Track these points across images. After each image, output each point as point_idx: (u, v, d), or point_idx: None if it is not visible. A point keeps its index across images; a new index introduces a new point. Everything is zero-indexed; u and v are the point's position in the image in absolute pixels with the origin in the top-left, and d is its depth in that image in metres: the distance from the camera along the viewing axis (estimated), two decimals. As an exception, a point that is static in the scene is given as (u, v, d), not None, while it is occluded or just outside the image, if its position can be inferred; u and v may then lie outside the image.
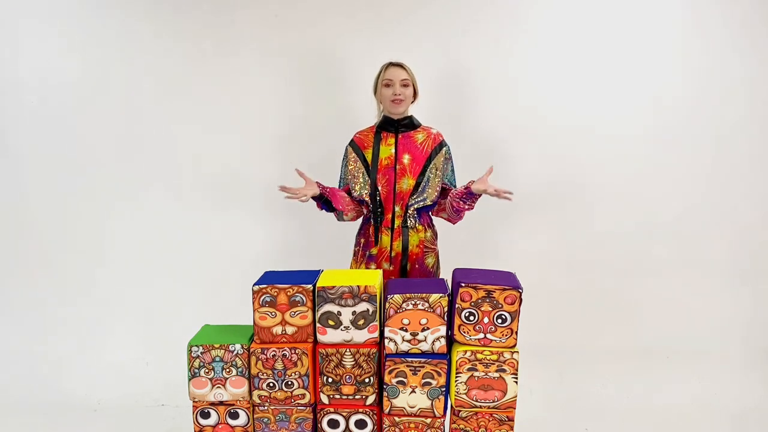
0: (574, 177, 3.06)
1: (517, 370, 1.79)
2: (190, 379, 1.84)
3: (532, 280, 2.24)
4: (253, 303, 1.80)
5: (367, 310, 1.79)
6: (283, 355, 1.81)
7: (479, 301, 1.78)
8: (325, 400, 1.84)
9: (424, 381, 1.80)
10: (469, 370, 1.79)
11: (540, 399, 2.84)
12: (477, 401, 1.81)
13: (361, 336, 1.81)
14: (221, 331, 1.93)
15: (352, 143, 2.43)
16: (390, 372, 1.81)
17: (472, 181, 2.26)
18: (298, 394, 1.83)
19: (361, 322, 1.80)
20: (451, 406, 1.84)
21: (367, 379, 1.82)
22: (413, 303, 1.77)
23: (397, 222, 2.37)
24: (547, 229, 3.12)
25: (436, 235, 2.47)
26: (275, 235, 3.17)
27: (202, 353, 1.82)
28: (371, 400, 1.84)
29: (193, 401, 1.86)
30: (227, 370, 1.83)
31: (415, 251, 2.38)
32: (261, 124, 3.07)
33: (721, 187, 3.07)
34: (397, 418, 1.84)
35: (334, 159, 2.52)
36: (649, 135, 3.03)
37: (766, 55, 2.95)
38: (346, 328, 1.80)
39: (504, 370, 1.79)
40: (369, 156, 2.38)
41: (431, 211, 2.47)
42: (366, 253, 2.41)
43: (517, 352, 1.79)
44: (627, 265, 3.12)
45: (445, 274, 2.39)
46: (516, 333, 1.79)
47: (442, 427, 1.85)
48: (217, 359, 1.82)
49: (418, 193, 2.35)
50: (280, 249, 3.16)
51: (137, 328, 3.16)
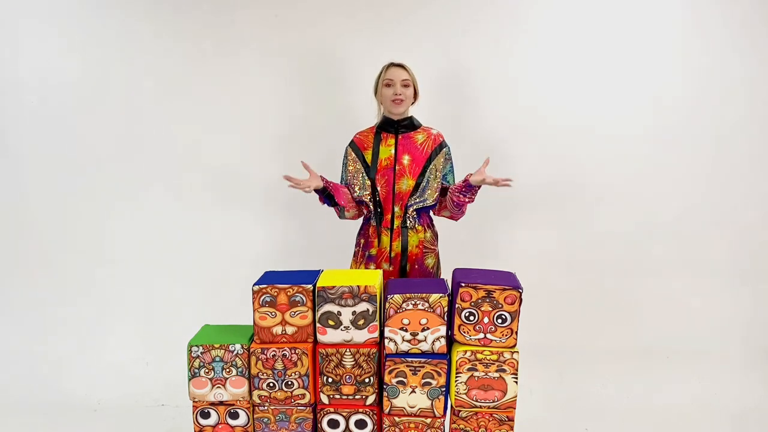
0: (574, 177, 3.06)
1: (517, 370, 1.79)
2: (190, 379, 1.84)
3: (532, 280, 2.24)
4: (253, 303, 1.80)
5: (367, 310, 1.79)
6: (283, 355, 1.81)
7: (479, 301, 1.78)
8: (325, 400, 1.84)
9: (424, 381, 1.80)
10: (469, 370, 1.79)
11: (540, 399, 2.84)
12: (477, 401, 1.81)
13: (361, 336, 1.81)
14: (221, 331, 1.93)
15: (352, 144, 2.43)
16: (390, 372, 1.81)
17: (470, 174, 2.27)
18: (298, 394, 1.83)
19: (361, 322, 1.80)
20: (451, 406, 1.84)
21: (367, 379, 1.82)
22: (413, 303, 1.77)
23: (396, 222, 2.37)
24: (547, 229, 3.12)
25: (436, 236, 2.47)
26: (275, 235, 3.17)
27: (202, 353, 1.82)
28: (371, 400, 1.84)
29: (193, 401, 1.86)
30: (227, 370, 1.83)
31: (415, 252, 2.38)
32: (261, 124, 3.07)
33: (721, 187, 3.07)
34: (397, 418, 1.84)
35: (334, 159, 2.52)
36: (649, 135, 3.03)
37: (766, 55, 2.95)
38: (346, 328, 1.80)
39: (504, 370, 1.79)
40: (369, 157, 2.38)
41: (433, 211, 2.47)
42: (366, 253, 2.41)
43: (517, 352, 1.80)
44: (627, 265, 3.12)
45: (446, 274, 2.39)
46: (516, 333, 1.80)
47: (442, 427, 1.85)
48: (217, 359, 1.82)
49: (417, 194, 2.35)
50: (280, 249, 3.16)
51: (137, 328, 3.16)
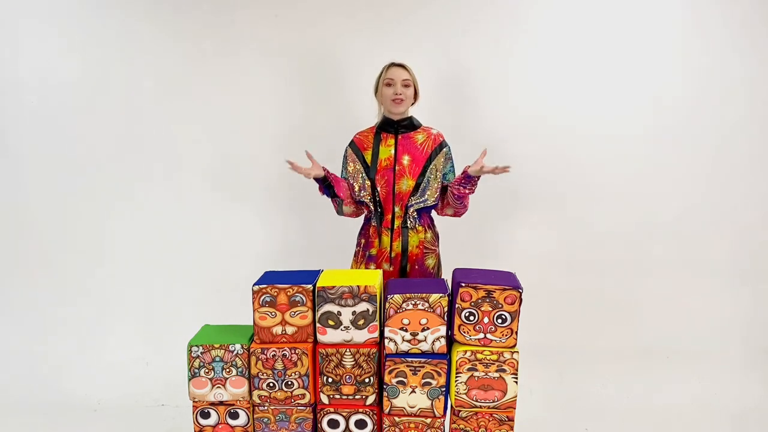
0: (574, 177, 3.06)
1: (517, 370, 1.80)
2: (190, 379, 1.84)
3: (532, 280, 2.24)
4: (253, 303, 1.80)
5: (367, 310, 1.79)
6: (283, 355, 1.81)
7: (479, 301, 1.78)
8: (325, 400, 1.84)
9: (424, 381, 1.80)
10: (469, 370, 1.79)
11: (540, 399, 2.84)
12: (477, 401, 1.81)
13: (361, 336, 1.81)
14: (221, 331, 1.93)
15: (352, 144, 2.43)
16: (390, 372, 1.81)
17: (468, 166, 2.27)
18: (298, 394, 1.83)
19: (361, 322, 1.80)
20: (451, 406, 1.84)
21: (367, 379, 1.82)
22: (413, 303, 1.77)
23: (396, 222, 2.36)
24: (547, 229, 3.12)
25: (437, 236, 2.47)
26: (275, 235, 3.17)
27: (202, 353, 1.82)
28: (371, 400, 1.84)
29: (193, 401, 1.87)
30: (227, 370, 1.83)
31: (415, 252, 2.38)
32: (261, 124, 3.07)
33: (721, 187, 3.07)
34: (397, 418, 1.84)
35: (334, 159, 2.52)
36: (649, 135, 3.03)
37: (766, 55, 2.95)
38: (346, 328, 1.80)
39: (504, 370, 1.79)
40: (369, 157, 2.38)
41: (436, 210, 2.46)
42: (366, 253, 2.41)
43: (517, 352, 1.80)
44: (627, 265, 3.12)
45: (446, 275, 2.39)
46: (516, 333, 1.80)
47: (442, 427, 1.85)
48: (217, 359, 1.82)
49: (418, 194, 2.35)
50: (280, 249, 3.16)
51: (137, 328, 3.16)
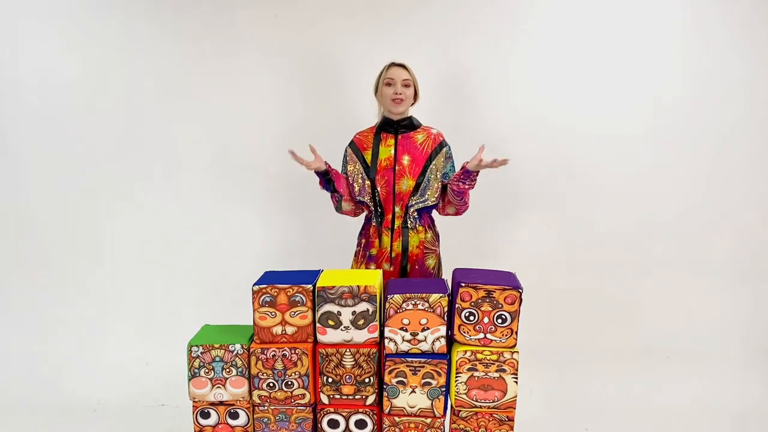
0: (575, 177, 3.06)
1: (517, 370, 1.79)
2: (190, 379, 1.84)
3: (532, 280, 2.24)
4: (253, 303, 1.80)
5: (367, 310, 1.79)
6: (283, 355, 1.81)
7: (479, 301, 1.78)
8: (325, 400, 1.84)
9: (424, 381, 1.80)
10: (469, 370, 1.79)
11: (540, 399, 2.84)
12: (477, 401, 1.81)
13: (361, 336, 1.81)
14: (221, 331, 1.93)
15: (352, 144, 2.43)
16: (390, 372, 1.81)
17: (467, 162, 2.27)
18: (298, 394, 1.83)
19: (361, 322, 1.80)
20: (451, 406, 1.84)
21: (367, 379, 1.82)
22: (413, 303, 1.77)
23: (397, 223, 2.36)
24: (547, 229, 3.12)
25: (437, 237, 2.47)
26: (275, 235, 3.17)
27: (202, 353, 1.82)
28: (371, 400, 1.84)
29: (193, 401, 1.86)
30: (227, 370, 1.83)
31: (415, 252, 2.37)
32: (261, 124, 3.07)
33: (721, 187, 3.07)
34: (397, 418, 1.84)
35: (334, 159, 2.51)
36: (649, 135, 3.03)
37: (766, 55, 2.95)
38: (346, 328, 1.80)
39: (504, 370, 1.79)
40: (368, 157, 2.37)
41: (437, 210, 2.45)
42: (366, 253, 2.41)
43: (517, 352, 1.79)
44: (627, 265, 3.12)
45: (446, 275, 2.39)
46: (516, 333, 1.80)
47: (442, 427, 1.85)
48: (217, 359, 1.82)
49: (418, 194, 2.35)
50: (280, 249, 3.16)
51: (137, 328, 3.16)
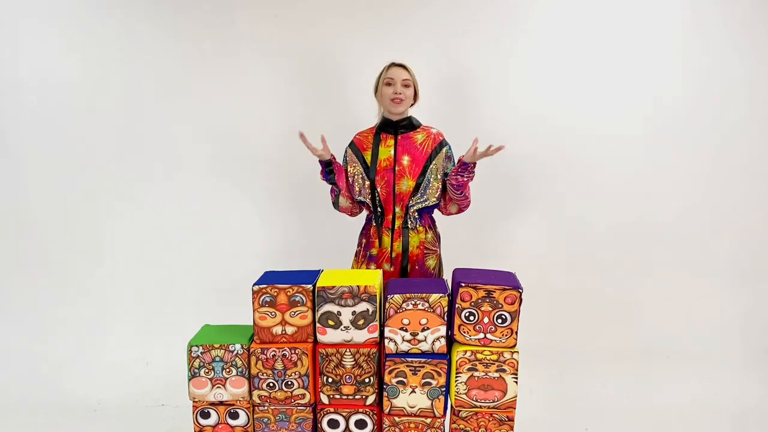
0: (574, 177, 3.06)
1: (517, 370, 1.80)
2: (190, 379, 1.84)
3: (532, 280, 2.24)
4: (253, 303, 1.80)
5: (367, 310, 1.79)
6: (283, 355, 1.81)
7: (479, 301, 1.78)
8: (325, 400, 1.84)
9: (424, 381, 1.80)
10: (469, 370, 1.79)
11: (540, 399, 2.84)
12: (477, 401, 1.81)
13: (361, 336, 1.81)
14: (221, 331, 1.93)
15: (352, 145, 2.43)
16: (390, 372, 1.81)
17: (463, 156, 2.28)
18: (298, 394, 1.83)
19: (361, 322, 1.80)
20: (451, 406, 1.84)
21: (367, 379, 1.82)
22: (413, 303, 1.77)
23: (397, 223, 2.36)
24: (547, 229, 3.12)
25: (438, 237, 2.46)
26: (275, 235, 3.17)
27: (202, 353, 1.82)
28: (371, 400, 1.84)
29: (193, 401, 1.87)
30: (227, 370, 1.83)
31: (416, 252, 2.37)
32: (261, 124, 3.07)
33: (721, 187, 3.07)
34: (397, 418, 1.84)
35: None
36: (649, 135, 3.03)
37: (766, 55, 2.95)
38: (346, 328, 1.80)
39: (504, 370, 1.79)
40: (368, 157, 2.37)
41: (440, 210, 2.44)
42: (367, 253, 2.41)
43: (517, 352, 1.80)
44: (627, 265, 3.12)
45: (447, 276, 2.39)
46: (516, 333, 1.80)
47: (442, 427, 1.85)
48: (217, 359, 1.82)
49: (418, 194, 2.34)
50: (280, 249, 3.16)
51: (137, 328, 3.15)
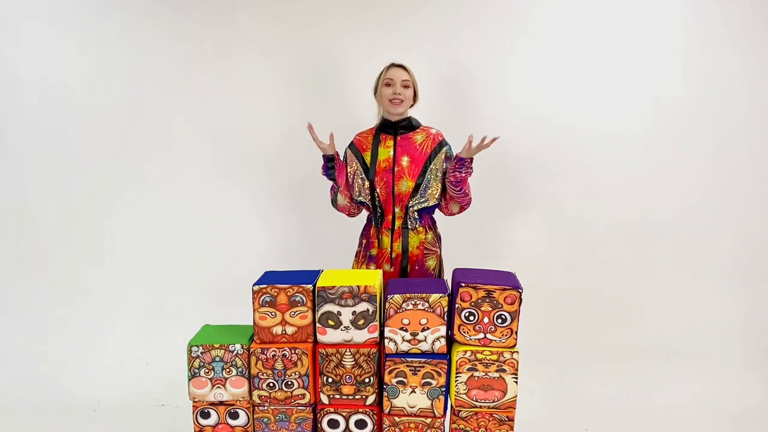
0: (574, 177, 3.06)
1: (517, 370, 1.80)
2: (190, 379, 1.84)
3: (532, 280, 2.24)
4: (253, 303, 1.80)
5: (367, 310, 1.79)
6: (283, 355, 1.81)
7: (479, 301, 1.78)
8: (325, 400, 1.84)
9: (424, 381, 1.80)
10: (469, 370, 1.79)
11: (540, 399, 2.84)
12: (477, 401, 1.81)
13: (361, 336, 1.81)
14: (221, 331, 1.93)
15: (352, 145, 2.43)
16: (390, 372, 1.81)
17: (459, 153, 2.28)
18: (298, 394, 1.83)
19: (361, 322, 1.80)
20: (451, 406, 1.84)
21: (367, 379, 1.82)
22: (413, 303, 1.77)
23: (397, 223, 2.36)
24: (547, 229, 3.12)
25: (438, 238, 2.46)
26: (276, 235, 3.17)
27: (202, 353, 1.82)
28: (371, 400, 1.84)
29: (193, 401, 1.87)
30: (227, 370, 1.83)
31: (415, 253, 2.37)
32: (261, 124, 3.07)
33: (721, 187, 3.07)
34: (397, 418, 1.84)
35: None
36: (649, 135, 3.03)
37: (766, 55, 2.95)
38: (346, 328, 1.80)
39: (504, 370, 1.79)
40: (368, 158, 2.37)
41: (441, 210, 2.44)
42: (367, 253, 2.41)
43: (517, 352, 1.80)
44: (627, 265, 3.12)
45: (447, 276, 2.39)
46: (516, 333, 1.80)
47: (442, 427, 1.85)
48: (217, 359, 1.82)
49: (418, 195, 2.34)
50: (280, 249, 3.16)
51: (137, 328, 3.15)
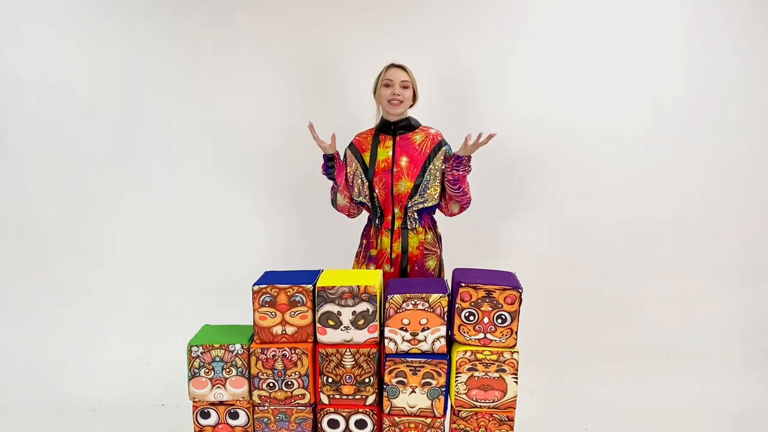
0: (574, 177, 3.06)
1: (517, 370, 1.80)
2: (190, 379, 1.84)
3: (532, 280, 2.24)
4: (253, 303, 1.80)
5: (367, 310, 1.79)
6: (283, 355, 1.81)
7: (479, 301, 1.78)
8: (325, 400, 1.84)
9: (424, 381, 1.80)
10: (469, 370, 1.79)
11: (540, 399, 2.84)
12: (477, 401, 1.81)
13: (361, 336, 1.81)
14: (221, 331, 1.93)
15: (351, 146, 2.43)
16: (390, 372, 1.81)
17: (457, 151, 2.29)
18: (298, 394, 1.83)
19: (361, 322, 1.80)
20: (451, 406, 1.84)
21: (367, 379, 1.82)
22: (413, 303, 1.77)
23: (396, 224, 2.36)
24: (547, 229, 3.12)
25: (439, 238, 2.46)
26: (276, 235, 3.17)
27: (202, 353, 1.82)
28: (371, 400, 1.84)
29: (193, 401, 1.87)
30: (227, 370, 1.83)
31: (415, 253, 2.37)
32: (261, 124, 3.07)
33: (721, 187, 3.07)
34: (397, 418, 1.84)
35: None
36: (649, 135, 3.03)
37: (766, 55, 2.95)
38: (346, 328, 1.80)
39: (504, 370, 1.79)
40: (367, 158, 2.37)
41: (442, 211, 2.43)
42: (367, 254, 2.41)
43: (517, 352, 1.80)
44: (627, 265, 3.12)
45: (448, 276, 2.39)
46: (516, 333, 1.80)
47: (442, 427, 1.85)
48: (217, 359, 1.82)
49: (417, 195, 2.34)
50: (280, 249, 3.16)
51: (137, 328, 3.15)
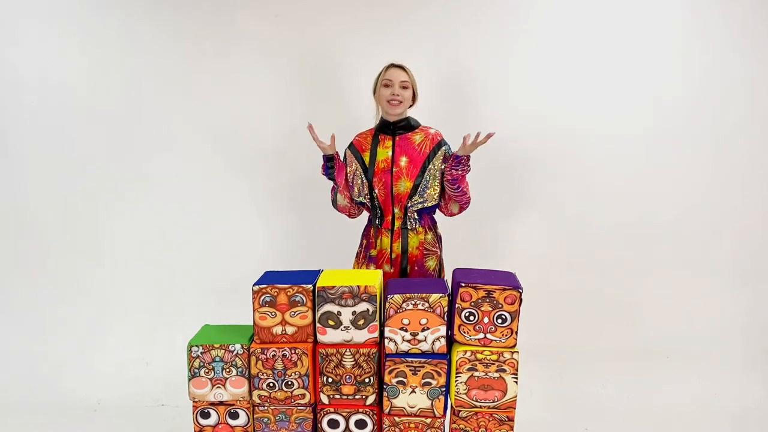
0: (574, 177, 3.06)
1: (517, 370, 1.80)
2: (190, 379, 1.84)
3: (532, 280, 2.24)
4: (253, 303, 1.80)
5: (367, 310, 1.79)
6: (283, 355, 1.81)
7: (479, 301, 1.78)
8: (325, 400, 1.84)
9: (424, 381, 1.80)
10: (469, 370, 1.79)
11: (540, 399, 2.84)
12: (477, 401, 1.81)
13: (361, 336, 1.81)
14: (221, 331, 1.93)
15: (351, 146, 2.43)
16: (390, 372, 1.81)
17: (456, 151, 2.28)
18: (298, 394, 1.84)
19: (361, 322, 1.80)
20: (451, 406, 1.84)
21: (367, 379, 1.82)
22: (413, 303, 1.77)
23: (396, 224, 2.36)
24: (547, 229, 3.12)
25: (439, 238, 2.46)
26: (276, 235, 3.17)
27: (202, 353, 1.82)
28: (371, 400, 1.84)
29: (193, 401, 1.87)
30: (227, 370, 1.83)
31: (415, 253, 2.37)
32: (261, 124, 3.07)
33: (721, 187, 3.07)
34: (397, 418, 1.84)
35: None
36: (649, 135, 3.03)
37: (766, 55, 2.95)
38: (346, 328, 1.80)
39: (504, 370, 1.79)
40: (367, 159, 2.37)
41: (442, 211, 2.43)
42: (367, 254, 2.41)
43: (517, 352, 1.80)
44: (627, 265, 3.12)
45: (448, 276, 2.38)
46: (516, 333, 1.80)
47: (442, 427, 1.85)
48: (217, 359, 1.82)
49: (417, 195, 2.34)
50: (280, 249, 3.16)
51: (137, 328, 3.15)
